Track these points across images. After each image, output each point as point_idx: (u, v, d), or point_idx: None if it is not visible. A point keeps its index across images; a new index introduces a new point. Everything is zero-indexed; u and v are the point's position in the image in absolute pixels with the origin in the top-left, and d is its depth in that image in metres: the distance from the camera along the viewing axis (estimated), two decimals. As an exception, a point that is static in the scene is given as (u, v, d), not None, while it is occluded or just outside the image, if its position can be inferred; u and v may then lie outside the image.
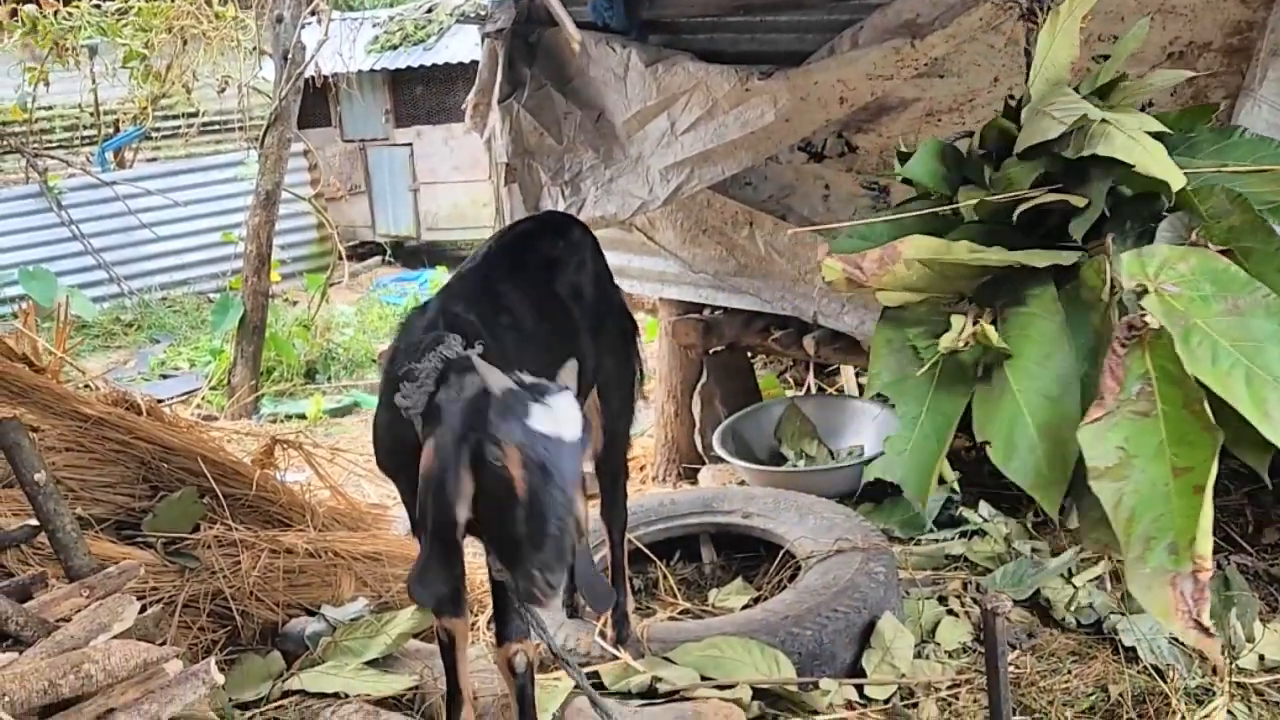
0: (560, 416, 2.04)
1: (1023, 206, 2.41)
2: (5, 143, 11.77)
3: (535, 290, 2.97)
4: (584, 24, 4.50)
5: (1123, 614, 3.45)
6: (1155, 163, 2.37)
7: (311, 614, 3.72)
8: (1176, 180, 2.37)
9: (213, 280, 11.56)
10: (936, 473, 2.34)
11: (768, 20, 4.27)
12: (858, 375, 5.79)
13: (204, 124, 13.74)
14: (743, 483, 4.71)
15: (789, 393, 5.83)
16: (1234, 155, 2.69)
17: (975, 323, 2.31)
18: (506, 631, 2.70)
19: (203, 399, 7.47)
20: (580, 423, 2.08)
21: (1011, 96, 3.77)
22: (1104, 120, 2.43)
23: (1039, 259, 2.35)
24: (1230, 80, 3.46)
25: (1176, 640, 3.31)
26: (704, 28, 4.48)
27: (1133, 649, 3.29)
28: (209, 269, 11.75)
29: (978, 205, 2.47)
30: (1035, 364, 2.27)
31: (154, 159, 13.43)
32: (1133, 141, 2.37)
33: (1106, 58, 3.10)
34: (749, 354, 5.49)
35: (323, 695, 3.31)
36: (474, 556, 3.05)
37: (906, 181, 3.28)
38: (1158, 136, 2.48)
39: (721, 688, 3.04)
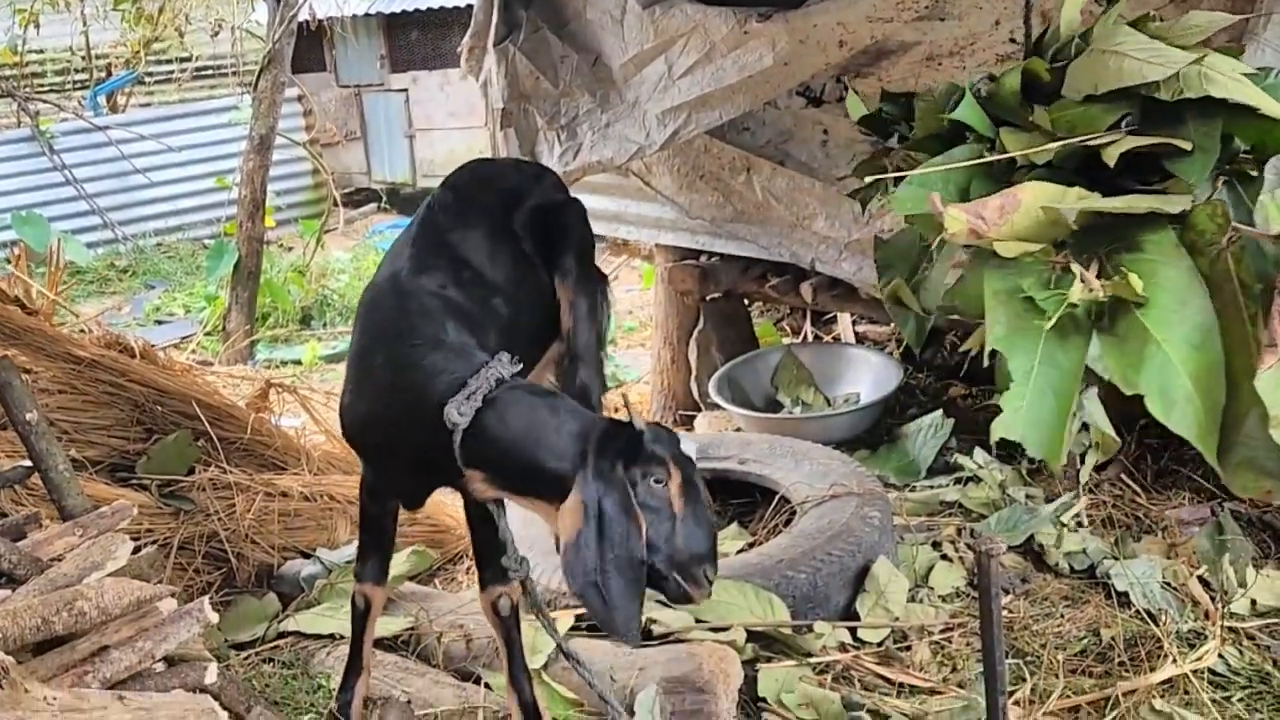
0: (689, 441, 2.30)
1: (1121, 148, 2.32)
2: (-3, 86, 11.67)
3: (491, 233, 2.86)
4: (582, -35, 4.44)
5: (1116, 559, 3.46)
6: (1273, 106, 2.31)
7: (307, 556, 3.74)
8: None
9: (207, 226, 11.51)
10: (1065, 430, 2.24)
11: (766, -38, 4.21)
12: (854, 322, 5.79)
13: (197, 68, 13.62)
14: (739, 429, 4.71)
15: (786, 340, 5.82)
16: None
17: (1090, 270, 2.22)
18: (489, 577, 2.72)
19: (198, 344, 7.46)
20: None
21: (1013, 39, 3.75)
22: (1197, 62, 2.36)
23: (1169, 204, 2.28)
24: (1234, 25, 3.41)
25: (1169, 585, 3.34)
26: (702, -32, 4.41)
27: (1125, 594, 3.31)
28: (203, 215, 11.69)
29: (1059, 149, 2.36)
30: (1172, 311, 2.19)
31: (147, 104, 13.33)
32: (1239, 84, 2.30)
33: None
34: (746, 301, 5.47)
35: (318, 636, 3.34)
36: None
37: (867, 122, 3.25)
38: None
39: (716, 630, 3.05)
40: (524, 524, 3.57)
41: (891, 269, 3.13)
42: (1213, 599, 3.26)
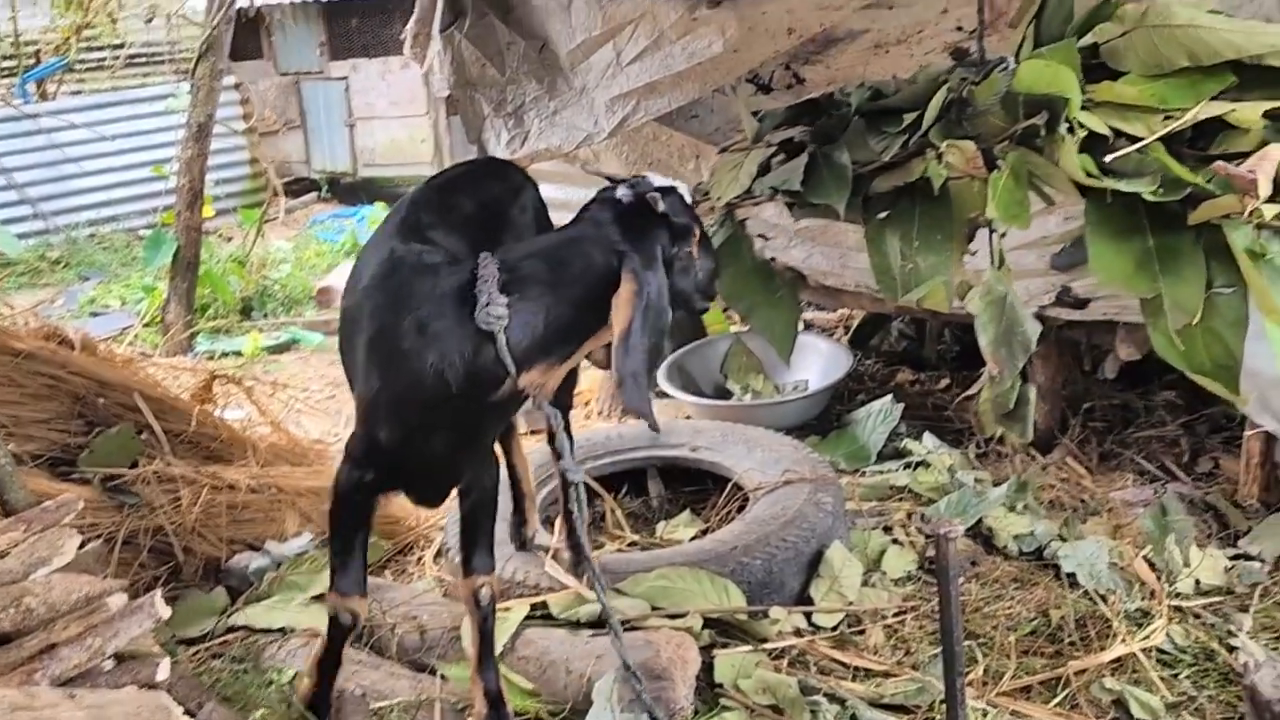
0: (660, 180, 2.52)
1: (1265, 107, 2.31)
2: (-78, 72, 11.35)
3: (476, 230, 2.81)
4: (527, -49, 4.41)
5: (1064, 540, 3.51)
6: None
7: (255, 549, 3.68)
8: None
9: (143, 216, 11.26)
10: None
11: (715, -51, 4.20)
12: (803, 308, 5.79)
13: (130, 56, 13.33)
14: (689, 417, 4.71)
15: (734, 327, 5.83)
16: None
17: None
18: (473, 564, 2.71)
19: (135, 336, 7.31)
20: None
21: (960, 27, 3.79)
22: None
23: None
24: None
25: (1115, 565, 3.39)
26: (650, -44, 4.38)
27: (1073, 575, 3.36)
28: (138, 205, 11.43)
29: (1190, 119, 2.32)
30: None
31: (78, 92, 13.02)
32: None
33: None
34: (694, 289, 5.46)
35: (269, 630, 3.29)
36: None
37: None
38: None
39: (672, 617, 3.05)
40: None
41: (743, 297, 3.17)
42: (1158, 578, 3.32)
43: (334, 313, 7.64)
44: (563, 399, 3.32)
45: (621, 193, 2.47)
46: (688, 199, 2.53)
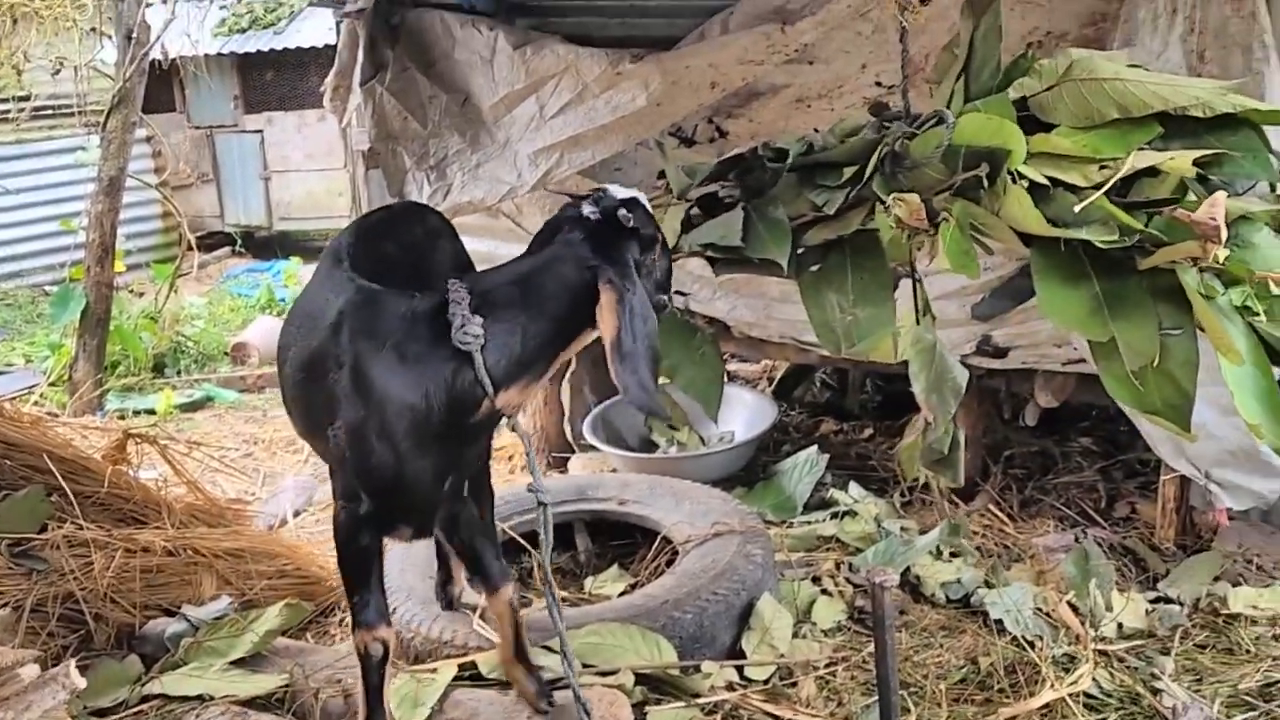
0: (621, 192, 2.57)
1: (1195, 156, 2.36)
2: None
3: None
4: (450, 6, 4.41)
5: (991, 586, 3.55)
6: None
7: (171, 614, 3.56)
8: None
9: (49, 272, 11.00)
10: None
11: (638, 4, 4.25)
12: (726, 359, 5.83)
13: (36, 108, 13.05)
14: (614, 470, 4.69)
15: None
16: None
17: None
18: (493, 577, 2.83)
19: (42, 395, 7.09)
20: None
21: (879, 83, 3.87)
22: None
23: None
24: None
25: (1040, 611, 3.43)
26: (572, 10, 4.43)
27: (1000, 621, 3.39)
28: (44, 260, 11.18)
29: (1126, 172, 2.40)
30: None
31: (-21, 144, 12.71)
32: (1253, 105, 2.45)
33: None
34: (618, 341, 5.46)
35: (186, 698, 3.16)
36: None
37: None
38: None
39: (604, 674, 3.01)
40: (400, 572, 3.49)
41: (665, 357, 3.21)
42: (1082, 623, 3.36)
43: (249, 369, 7.54)
44: None
45: (588, 210, 2.49)
46: (648, 207, 2.58)
